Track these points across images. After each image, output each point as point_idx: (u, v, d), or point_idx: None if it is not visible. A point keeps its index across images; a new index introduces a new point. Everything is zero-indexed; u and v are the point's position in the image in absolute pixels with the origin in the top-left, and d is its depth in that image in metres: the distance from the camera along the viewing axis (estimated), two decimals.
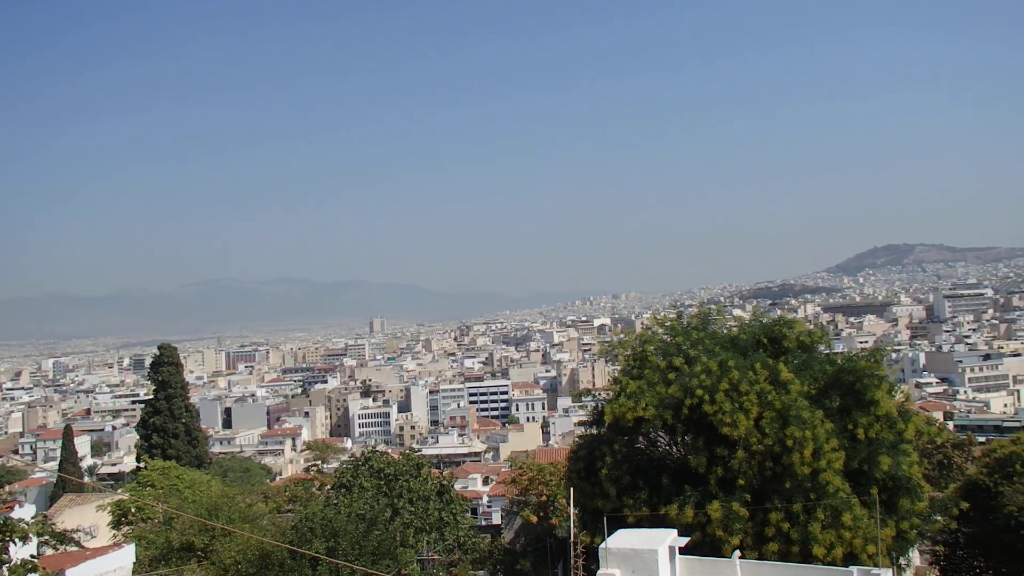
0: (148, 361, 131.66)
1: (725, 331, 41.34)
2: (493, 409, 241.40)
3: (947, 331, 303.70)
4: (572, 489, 36.21)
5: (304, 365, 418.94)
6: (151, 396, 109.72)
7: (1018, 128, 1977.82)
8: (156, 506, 51.42)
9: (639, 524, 31.46)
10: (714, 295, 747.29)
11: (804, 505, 31.76)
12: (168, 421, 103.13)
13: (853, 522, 31.37)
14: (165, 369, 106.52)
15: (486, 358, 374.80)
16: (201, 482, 64.41)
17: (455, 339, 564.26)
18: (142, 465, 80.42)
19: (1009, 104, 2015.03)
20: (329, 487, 72.77)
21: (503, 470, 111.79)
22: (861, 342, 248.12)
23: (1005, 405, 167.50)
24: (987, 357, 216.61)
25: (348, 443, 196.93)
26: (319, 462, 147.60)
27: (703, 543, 31.46)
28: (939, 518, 40.65)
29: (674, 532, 27.98)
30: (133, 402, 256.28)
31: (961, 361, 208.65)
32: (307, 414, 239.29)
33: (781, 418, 32.81)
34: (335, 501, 54.40)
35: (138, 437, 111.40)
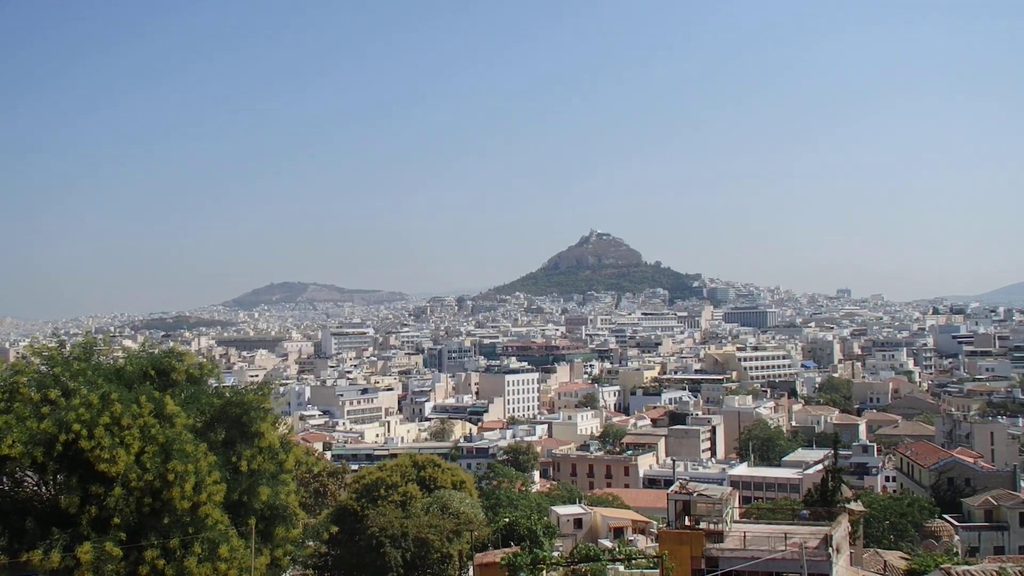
0: None
1: (111, 362, 39.50)
2: None
3: (332, 366, 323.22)
4: None
5: None
6: None
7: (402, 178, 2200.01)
8: None
9: None
10: (103, 324, 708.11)
11: (182, 540, 31.53)
12: None
13: (230, 553, 31.95)
14: None
15: None
16: None
17: None
18: None
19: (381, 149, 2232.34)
20: None
21: None
22: (252, 376, 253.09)
23: (377, 435, 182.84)
24: (365, 391, 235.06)
25: None
26: None
27: None
28: (311, 543, 43.18)
29: None
30: None
31: (342, 395, 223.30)
32: None
33: (164, 452, 32.29)
34: None
35: None
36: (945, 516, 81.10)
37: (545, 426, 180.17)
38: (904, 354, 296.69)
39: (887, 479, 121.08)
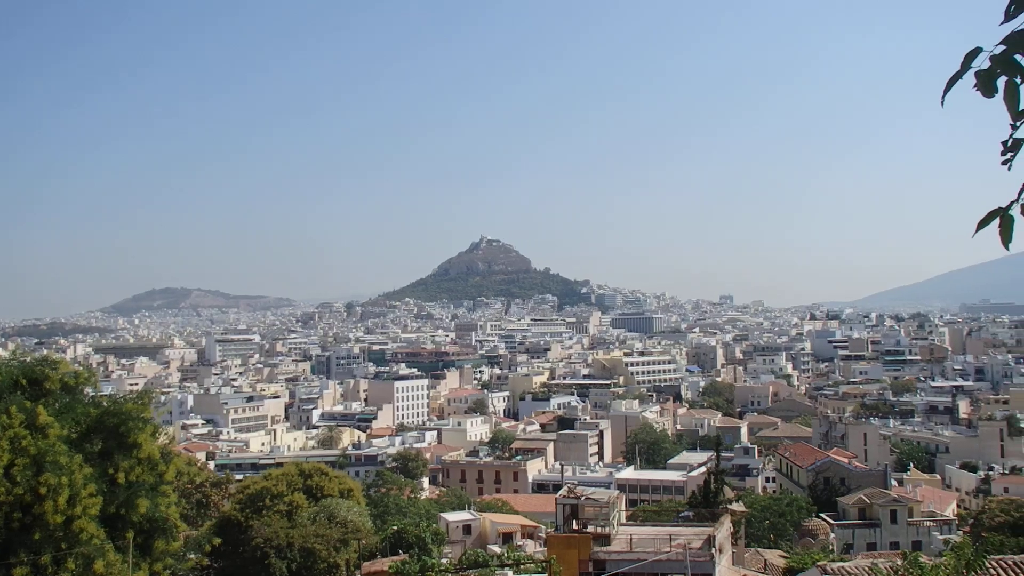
0: None
1: None
2: None
3: (216, 374, 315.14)
4: None
5: None
6: None
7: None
8: None
9: None
10: None
11: (54, 556, 30.26)
12: None
13: (105, 568, 30.81)
14: None
15: None
16: None
17: None
18: None
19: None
20: None
21: None
22: (132, 384, 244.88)
23: (263, 444, 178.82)
24: (250, 399, 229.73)
25: None
26: None
27: None
28: (192, 556, 41.98)
29: None
30: None
31: (227, 403, 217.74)
32: None
33: (36, 464, 30.98)
34: None
35: None
36: (822, 515, 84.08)
37: (434, 432, 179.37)
38: (783, 358, 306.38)
39: (767, 480, 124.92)
